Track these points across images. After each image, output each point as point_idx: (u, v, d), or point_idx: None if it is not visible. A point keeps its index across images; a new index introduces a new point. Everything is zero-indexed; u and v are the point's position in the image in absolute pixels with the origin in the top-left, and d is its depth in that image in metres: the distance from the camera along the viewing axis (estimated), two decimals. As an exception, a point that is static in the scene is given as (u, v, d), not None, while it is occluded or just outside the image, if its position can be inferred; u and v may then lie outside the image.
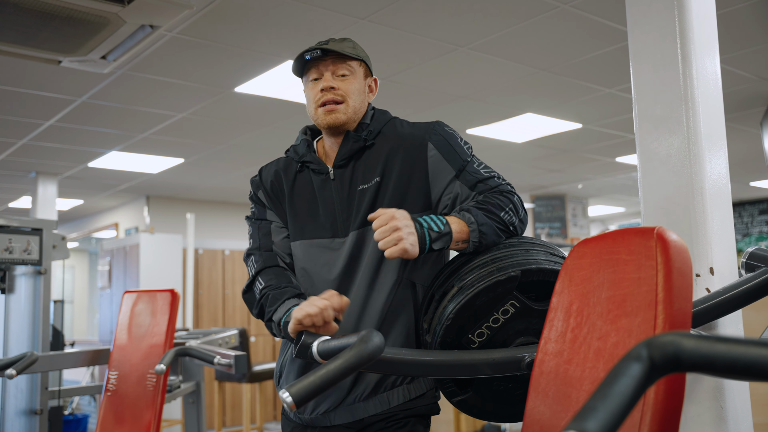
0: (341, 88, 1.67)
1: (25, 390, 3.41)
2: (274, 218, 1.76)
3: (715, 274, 1.77)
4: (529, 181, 8.60)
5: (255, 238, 1.75)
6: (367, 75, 1.76)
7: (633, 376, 0.79)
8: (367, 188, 1.66)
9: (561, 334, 1.28)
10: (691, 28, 1.86)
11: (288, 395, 1.20)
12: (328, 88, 1.66)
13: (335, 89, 1.66)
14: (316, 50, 1.65)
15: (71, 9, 2.77)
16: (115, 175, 7.44)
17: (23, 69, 4.02)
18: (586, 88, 4.81)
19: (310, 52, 1.66)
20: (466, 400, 1.68)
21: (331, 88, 1.66)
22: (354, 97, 1.68)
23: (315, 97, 1.68)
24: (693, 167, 1.80)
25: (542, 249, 1.67)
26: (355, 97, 1.69)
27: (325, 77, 1.66)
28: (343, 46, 1.67)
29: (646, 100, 1.92)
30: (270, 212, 1.76)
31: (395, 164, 1.66)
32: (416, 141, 1.67)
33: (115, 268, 8.33)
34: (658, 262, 1.14)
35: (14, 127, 5.37)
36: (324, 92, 1.66)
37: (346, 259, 1.66)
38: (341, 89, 1.67)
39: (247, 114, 5.20)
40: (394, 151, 1.67)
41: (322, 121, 1.68)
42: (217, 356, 2.82)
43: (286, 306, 1.55)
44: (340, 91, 1.67)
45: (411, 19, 3.53)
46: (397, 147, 1.68)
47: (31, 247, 3.51)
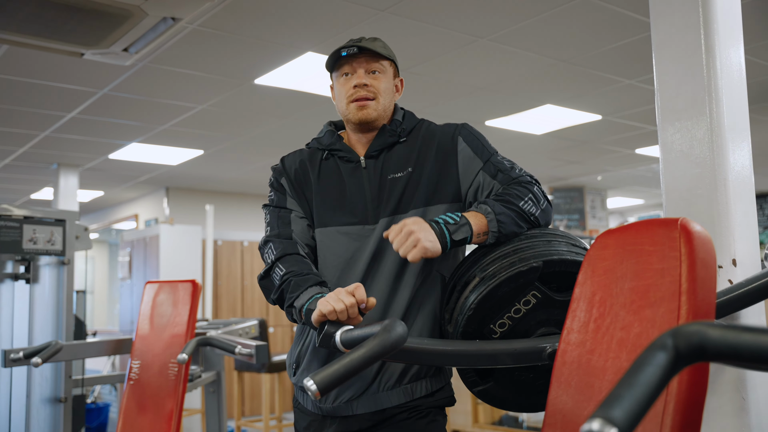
0: (373, 85, 1.72)
1: (50, 378, 3.47)
2: (295, 207, 1.76)
3: (737, 266, 1.76)
4: (548, 172, 8.57)
5: (273, 226, 1.75)
6: (396, 75, 1.82)
7: (658, 365, 0.79)
8: (399, 177, 1.71)
9: (584, 325, 1.28)
10: (716, 18, 1.84)
11: (312, 383, 1.22)
12: (361, 85, 1.71)
13: (368, 86, 1.71)
14: (353, 47, 1.70)
15: (94, 2, 2.80)
16: (136, 166, 7.50)
17: (46, 61, 4.07)
18: (606, 79, 4.78)
19: (347, 48, 1.71)
20: (487, 390, 1.69)
21: (365, 85, 1.71)
22: (384, 95, 1.74)
23: (347, 93, 1.73)
24: (716, 159, 1.79)
25: (564, 240, 1.67)
26: (385, 95, 1.75)
27: (359, 74, 1.71)
28: (375, 45, 1.73)
29: (669, 91, 1.91)
30: (291, 200, 1.77)
31: (427, 157, 1.73)
32: (447, 136, 1.76)
33: (135, 259, 8.41)
34: (682, 253, 1.14)
35: (36, 119, 5.43)
36: (357, 89, 1.71)
37: (374, 247, 1.67)
38: (373, 87, 1.72)
39: (266, 106, 5.22)
40: (426, 146, 1.74)
41: (354, 116, 1.73)
42: (238, 346, 2.85)
43: (308, 293, 1.56)
44: (372, 88, 1.72)
45: (431, 11, 3.52)
46: (428, 142, 1.75)
47: (54, 237, 3.56)
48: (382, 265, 1.67)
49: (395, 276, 1.67)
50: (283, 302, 1.63)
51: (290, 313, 1.62)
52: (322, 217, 1.72)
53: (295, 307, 1.57)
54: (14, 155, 6.74)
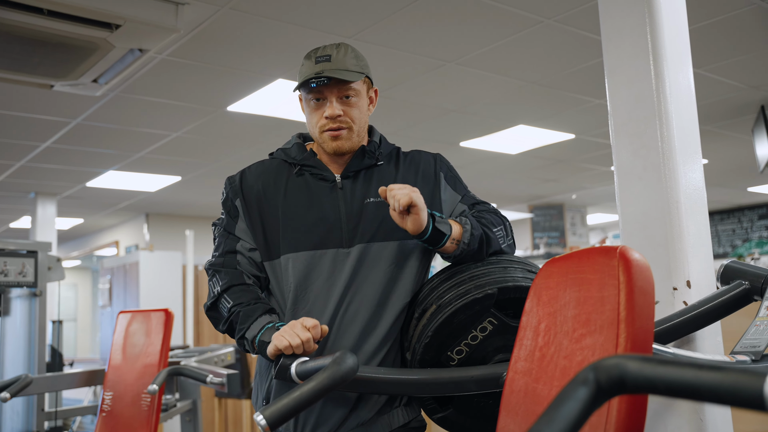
0: (346, 113, 1.61)
1: (21, 412, 3.44)
2: (244, 236, 1.65)
3: (692, 287, 1.79)
4: (526, 191, 8.63)
5: (220, 251, 1.67)
6: (369, 87, 1.71)
7: (579, 399, 0.81)
8: (378, 202, 1.62)
9: (530, 353, 1.30)
10: (663, 44, 1.88)
11: (262, 418, 1.22)
12: (334, 117, 1.60)
13: (341, 116, 1.60)
14: (323, 78, 1.56)
15: (61, 35, 2.81)
16: (114, 194, 7.48)
17: (17, 93, 4.07)
18: (577, 100, 4.84)
19: (316, 79, 1.57)
20: (446, 416, 1.70)
21: (338, 116, 1.60)
22: (358, 121, 1.64)
23: (318, 122, 1.62)
24: (668, 182, 1.83)
25: (520, 266, 1.69)
26: (359, 120, 1.64)
27: (331, 103, 1.59)
28: (346, 63, 1.60)
29: (621, 115, 1.94)
30: (240, 227, 1.66)
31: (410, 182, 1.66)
32: (429, 167, 1.72)
33: (116, 286, 8.35)
34: (621, 281, 1.16)
35: (12, 149, 5.42)
36: (329, 120, 1.60)
37: (350, 274, 1.59)
38: (347, 114, 1.61)
39: (240, 132, 5.24)
40: (410, 173, 1.69)
41: (328, 147, 1.63)
42: (209, 375, 2.83)
43: (259, 324, 1.52)
44: (346, 117, 1.61)
45: (397, 37, 3.57)
46: (412, 170, 1.70)
47: (26, 269, 3.53)
48: (361, 293, 1.60)
49: (376, 305, 1.61)
50: (233, 332, 1.58)
51: (242, 345, 1.56)
52: (291, 240, 1.60)
53: (247, 339, 1.53)
54: (-10, 185, 6.72)
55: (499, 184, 7.93)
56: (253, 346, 1.53)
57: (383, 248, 1.61)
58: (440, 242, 1.56)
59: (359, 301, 1.60)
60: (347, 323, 1.60)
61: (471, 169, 7.07)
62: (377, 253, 1.61)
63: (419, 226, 1.50)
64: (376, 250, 1.61)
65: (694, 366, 0.75)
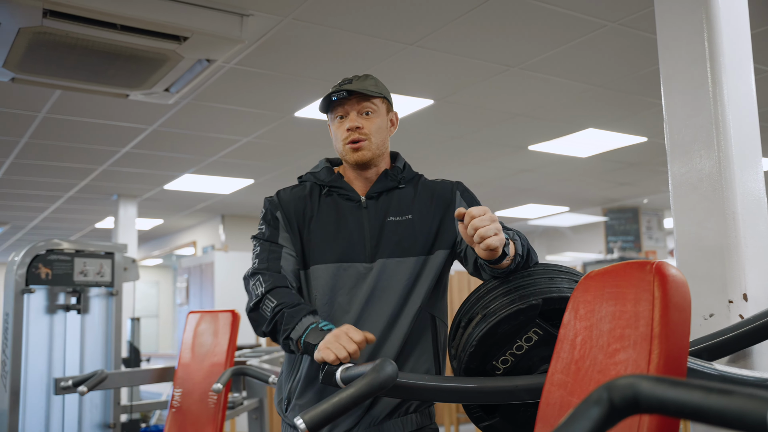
0: (365, 126, 1.76)
1: (99, 405, 3.62)
2: (287, 243, 1.76)
3: (749, 300, 1.74)
4: (599, 194, 8.44)
5: (263, 259, 1.74)
6: (389, 110, 1.85)
7: (591, 418, 0.81)
8: (399, 221, 1.76)
9: (566, 366, 1.30)
10: (722, 51, 1.84)
11: (302, 422, 1.27)
12: (354, 128, 1.75)
13: (360, 128, 1.75)
14: (342, 92, 1.74)
15: (133, 48, 2.96)
16: (190, 196, 7.76)
17: (97, 102, 4.30)
18: (647, 103, 4.72)
19: (337, 93, 1.74)
20: (493, 425, 1.71)
21: (357, 127, 1.75)
22: (377, 134, 1.78)
23: (342, 136, 1.77)
24: (725, 192, 1.78)
25: (567, 277, 1.68)
26: (377, 134, 1.78)
27: (351, 117, 1.76)
28: (366, 85, 1.77)
29: (677, 124, 1.90)
30: (284, 236, 1.77)
31: (427, 208, 1.79)
32: (446, 190, 1.83)
33: (192, 284, 8.66)
34: (655, 296, 1.15)
35: (94, 154, 5.71)
36: (350, 132, 1.75)
37: (371, 286, 1.71)
38: (365, 128, 1.76)
39: (308, 136, 5.35)
40: (425, 197, 1.81)
41: (350, 158, 1.77)
42: (272, 375, 2.92)
43: (303, 324, 1.58)
44: (365, 129, 1.76)
45: (459, 43, 3.58)
46: (427, 194, 1.82)
47: (103, 269, 3.73)
48: (379, 304, 1.71)
49: (391, 315, 1.71)
50: (276, 334, 1.64)
51: (287, 345, 1.62)
52: (320, 253, 1.73)
53: (292, 339, 1.59)
54: (77, 188, 7.07)
55: (571, 188, 7.80)
56: (298, 347, 1.58)
57: (401, 263, 1.73)
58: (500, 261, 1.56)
59: (377, 312, 1.71)
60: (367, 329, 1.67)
61: (541, 172, 6.98)
62: (395, 267, 1.73)
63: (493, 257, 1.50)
64: (394, 265, 1.73)
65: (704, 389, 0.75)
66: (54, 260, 3.56)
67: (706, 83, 1.84)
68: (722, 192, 1.78)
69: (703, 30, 1.86)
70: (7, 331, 3.37)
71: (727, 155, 1.79)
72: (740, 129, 1.82)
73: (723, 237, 1.76)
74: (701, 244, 1.81)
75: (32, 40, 2.83)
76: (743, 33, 1.90)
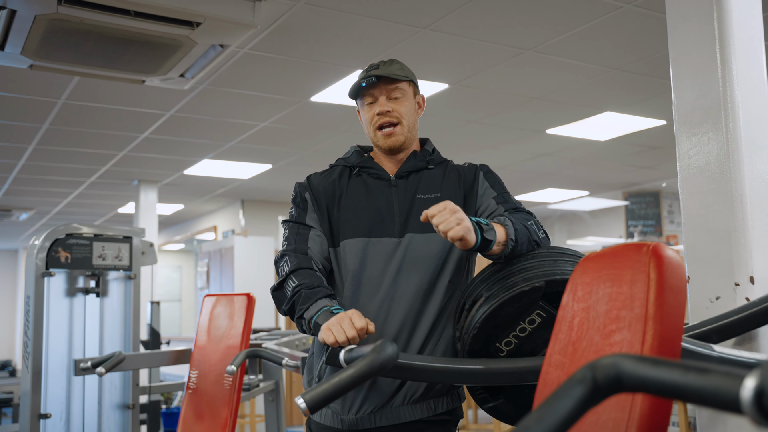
0: (395, 110, 1.80)
1: (118, 386, 3.69)
2: (314, 224, 1.82)
3: (755, 283, 1.73)
4: (620, 178, 8.37)
5: (291, 241, 1.80)
6: (416, 93, 1.89)
7: (574, 396, 0.83)
8: (427, 198, 1.79)
9: (564, 347, 1.31)
10: (731, 32, 1.82)
11: (303, 401, 1.30)
12: (384, 112, 1.79)
13: (390, 112, 1.79)
14: (371, 77, 1.78)
15: (147, 34, 2.98)
16: (210, 181, 7.82)
17: (114, 89, 4.34)
18: (666, 85, 4.66)
19: (366, 79, 1.79)
20: (497, 406, 1.72)
21: (387, 111, 1.79)
22: (407, 117, 1.82)
23: (372, 120, 1.82)
24: (733, 174, 1.77)
25: (570, 259, 1.69)
26: (408, 117, 1.83)
27: (380, 101, 1.79)
28: (392, 69, 1.81)
29: (685, 106, 1.89)
30: (312, 216, 1.83)
31: (453, 186, 1.83)
32: (471, 171, 1.88)
33: (213, 269, 8.75)
34: (651, 278, 1.15)
35: (114, 140, 5.77)
36: (380, 116, 1.79)
37: (401, 260, 1.73)
38: (395, 111, 1.80)
39: (325, 121, 5.36)
40: (452, 178, 1.85)
41: (383, 144, 1.82)
42: (285, 358, 2.95)
43: (317, 306, 1.62)
44: (395, 113, 1.80)
45: (472, 26, 3.56)
46: (454, 175, 1.86)
47: (122, 253, 3.78)
48: (410, 278, 1.73)
49: (424, 289, 1.73)
50: (293, 313, 1.69)
51: (300, 324, 1.67)
52: (350, 228, 1.78)
53: (304, 319, 1.64)
54: (98, 173, 7.16)
55: (590, 171, 7.73)
56: (310, 326, 1.63)
57: (431, 239, 1.74)
58: (487, 248, 1.59)
59: (405, 289, 1.73)
60: (395, 311, 1.72)
61: (559, 156, 6.94)
62: (425, 243, 1.75)
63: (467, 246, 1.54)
64: (424, 240, 1.74)
65: (682, 368, 0.75)
66: (73, 244, 3.62)
67: (715, 65, 1.82)
68: (730, 175, 1.77)
69: (712, 10, 1.84)
70: (29, 314, 3.44)
71: (735, 138, 1.77)
72: (749, 111, 1.80)
73: (730, 220, 1.75)
74: (709, 226, 1.80)
75: (48, 27, 2.87)
76: (755, 14, 1.88)
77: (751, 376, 0.64)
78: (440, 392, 1.74)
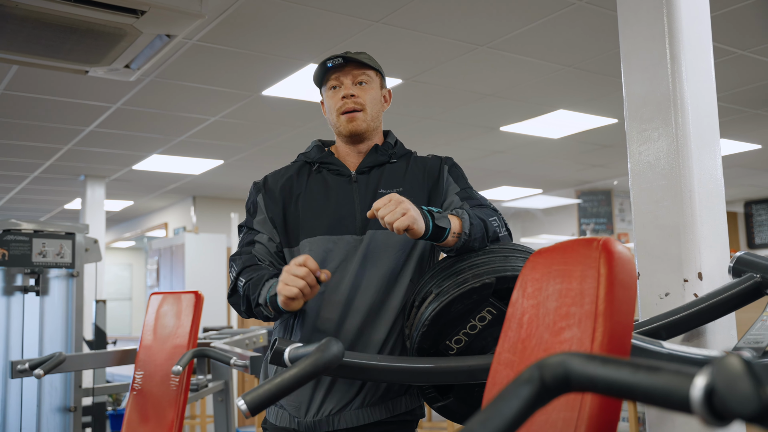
0: (360, 96, 1.75)
1: (59, 388, 3.56)
2: (260, 227, 1.77)
3: (704, 279, 1.73)
4: (572, 176, 8.47)
5: (239, 246, 1.79)
6: (382, 86, 1.85)
7: (521, 397, 0.79)
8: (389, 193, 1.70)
9: (513, 345, 1.28)
10: (681, 27, 1.81)
11: (243, 402, 1.24)
12: (348, 96, 1.74)
13: (355, 97, 1.74)
14: (338, 58, 1.74)
15: (89, 22, 2.86)
16: (160, 176, 7.65)
17: (58, 79, 4.19)
18: (618, 83, 4.70)
19: (332, 59, 1.74)
20: (447, 405, 1.69)
21: (352, 95, 1.74)
22: (372, 106, 1.78)
23: (336, 105, 1.76)
24: (682, 170, 1.76)
25: (522, 255, 1.66)
26: (372, 105, 1.78)
27: (345, 85, 1.75)
28: (360, 56, 1.77)
29: (635, 101, 1.88)
30: (259, 219, 1.78)
31: (417, 181, 1.79)
32: (435, 165, 1.83)
33: (163, 267, 8.56)
34: (601, 274, 1.13)
35: (58, 133, 5.58)
36: (345, 100, 1.74)
37: (362, 256, 1.69)
38: (360, 98, 1.75)
39: (278, 116, 5.27)
40: (416, 171, 1.80)
41: (344, 129, 1.76)
42: (233, 357, 2.88)
43: (267, 285, 1.59)
44: (360, 99, 1.75)
45: (425, 20, 3.53)
46: (418, 169, 1.82)
47: (64, 250, 3.65)
48: (371, 274, 1.69)
49: (385, 286, 1.69)
50: (251, 307, 1.65)
51: (261, 313, 1.64)
52: (309, 228, 1.73)
53: (261, 305, 1.60)
54: (42, 168, 6.93)
55: (544, 169, 7.80)
56: (269, 308, 1.58)
57: (392, 235, 1.68)
58: (442, 237, 1.57)
59: (368, 283, 1.69)
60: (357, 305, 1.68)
61: (513, 153, 6.97)
62: (386, 239, 1.70)
63: (417, 235, 1.52)
64: (385, 237, 1.70)
65: (632, 366, 0.72)
66: (11, 241, 3.48)
67: (665, 59, 1.81)
68: (679, 171, 1.76)
69: (662, 6, 1.83)
70: (-37, 313, 3.29)
71: (684, 133, 1.77)
72: (698, 107, 1.80)
73: (679, 216, 1.75)
74: (658, 222, 1.80)
75: (-18, 12, 2.74)
76: (703, 10, 1.88)
77: (700, 374, 0.62)
78: (399, 392, 1.70)
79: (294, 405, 1.69)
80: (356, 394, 1.67)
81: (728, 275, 1.73)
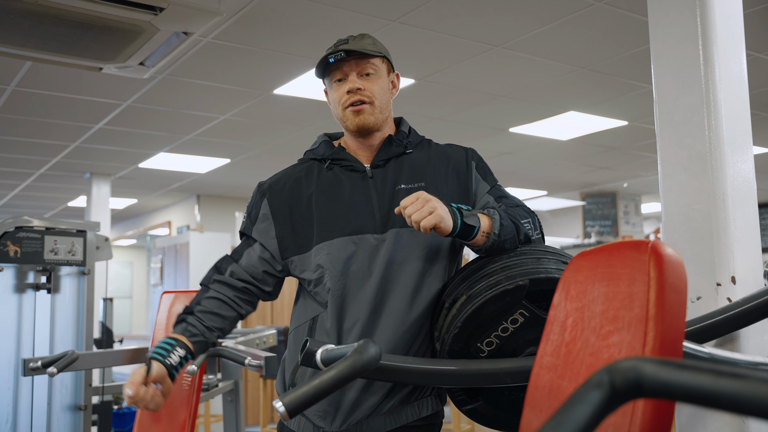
0: (367, 88, 1.64)
1: (69, 386, 3.53)
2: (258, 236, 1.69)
3: (737, 283, 1.71)
4: (578, 178, 8.46)
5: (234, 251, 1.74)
6: (390, 71, 1.73)
7: (592, 402, 0.77)
8: (410, 189, 1.63)
9: (556, 349, 1.26)
10: (714, 28, 1.80)
11: (281, 405, 1.22)
12: (354, 90, 1.62)
13: (361, 90, 1.63)
14: (340, 52, 1.61)
15: (106, 19, 2.84)
16: (166, 175, 7.62)
17: (69, 76, 4.17)
18: (630, 85, 4.69)
19: (334, 54, 1.61)
20: (476, 408, 1.67)
21: (358, 89, 1.63)
22: (380, 97, 1.66)
23: (341, 99, 1.65)
24: (715, 172, 1.75)
25: (554, 257, 1.64)
26: (380, 96, 1.66)
27: (350, 78, 1.63)
28: (364, 44, 1.64)
29: (667, 103, 1.86)
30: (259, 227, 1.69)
31: (444, 175, 1.68)
32: (461, 159, 1.72)
33: (167, 265, 8.54)
34: (651, 277, 1.11)
35: (66, 130, 5.56)
36: (350, 94, 1.63)
37: (387, 258, 1.60)
38: (367, 89, 1.64)
39: (288, 115, 5.26)
40: (439, 164, 1.70)
41: (351, 123, 1.65)
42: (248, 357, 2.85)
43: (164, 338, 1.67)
44: (366, 91, 1.64)
45: (441, 20, 3.51)
46: (441, 161, 1.71)
47: (75, 248, 3.62)
48: (398, 274, 1.60)
49: (414, 286, 1.61)
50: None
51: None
52: (324, 231, 1.62)
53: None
54: (48, 165, 6.91)
55: (550, 171, 7.79)
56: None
57: (418, 234, 1.61)
58: (471, 236, 1.53)
59: (396, 284, 1.61)
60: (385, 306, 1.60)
61: (520, 155, 6.96)
62: (410, 238, 1.61)
63: (445, 233, 1.48)
64: (409, 236, 1.61)
65: (714, 372, 0.70)
66: (23, 238, 3.45)
67: (698, 62, 1.80)
68: (712, 173, 1.75)
69: (695, 5, 1.81)
70: (-26, 311, 3.27)
71: (717, 135, 1.75)
72: (731, 109, 1.79)
73: (712, 219, 1.73)
74: (690, 225, 1.78)
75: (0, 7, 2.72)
76: (736, 10, 1.86)
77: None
78: (424, 394, 1.66)
79: (318, 414, 1.63)
80: (383, 399, 1.61)
81: (763, 280, 1.71)
